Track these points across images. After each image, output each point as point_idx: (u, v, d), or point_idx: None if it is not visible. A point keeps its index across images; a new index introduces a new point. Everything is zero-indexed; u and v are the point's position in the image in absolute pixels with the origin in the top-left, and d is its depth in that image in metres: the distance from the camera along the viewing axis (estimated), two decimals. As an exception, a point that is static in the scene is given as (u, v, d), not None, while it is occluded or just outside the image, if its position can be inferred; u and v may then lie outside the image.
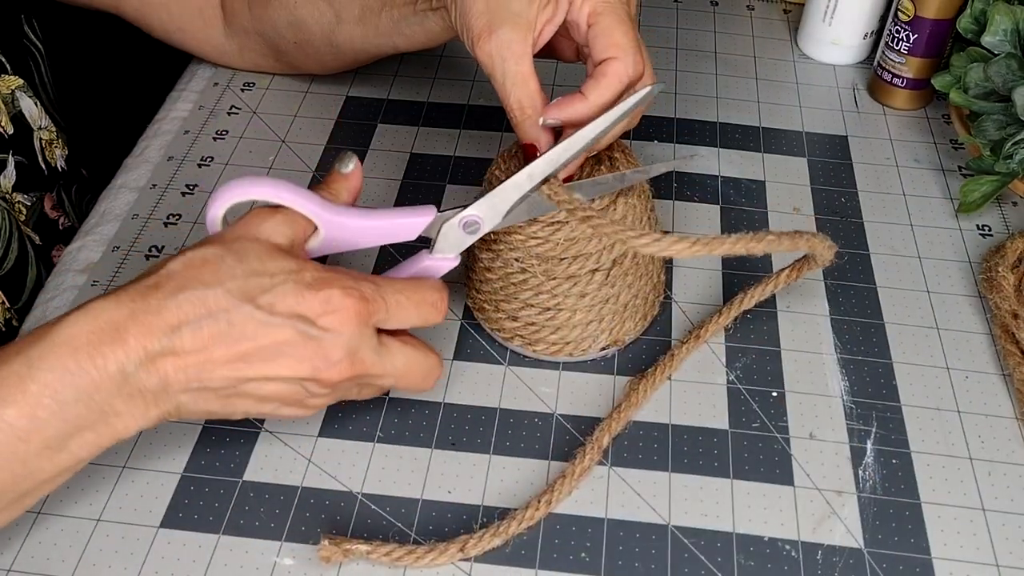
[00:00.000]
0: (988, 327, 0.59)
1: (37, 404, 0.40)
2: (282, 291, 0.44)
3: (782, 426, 0.54)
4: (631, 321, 0.57)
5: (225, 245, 0.45)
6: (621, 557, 0.48)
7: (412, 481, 0.51)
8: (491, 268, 0.54)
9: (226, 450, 0.52)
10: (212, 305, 0.43)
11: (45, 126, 0.70)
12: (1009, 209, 0.67)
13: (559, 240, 0.52)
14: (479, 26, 0.49)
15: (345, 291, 0.44)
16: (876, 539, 0.49)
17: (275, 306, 0.43)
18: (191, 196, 0.67)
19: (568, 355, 0.56)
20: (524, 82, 0.49)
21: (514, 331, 0.56)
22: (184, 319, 0.42)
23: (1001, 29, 0.65)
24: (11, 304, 0.63)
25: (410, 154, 0.71)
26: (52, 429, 0.41)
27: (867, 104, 0.76)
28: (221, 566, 0.48)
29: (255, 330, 0.43)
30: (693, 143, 0.72)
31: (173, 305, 0.42)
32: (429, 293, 0.48)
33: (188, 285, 0.43)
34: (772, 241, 0.50)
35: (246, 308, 0.43)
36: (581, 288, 0.53)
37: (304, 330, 0.44)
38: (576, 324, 0.54)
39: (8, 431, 0.40)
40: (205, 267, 0.44)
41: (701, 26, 0.84)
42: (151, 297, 0.43)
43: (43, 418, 0.41)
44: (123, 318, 0.42)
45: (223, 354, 0.43)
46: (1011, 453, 0.53)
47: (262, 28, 0.71)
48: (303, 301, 0.44)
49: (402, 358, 0.48)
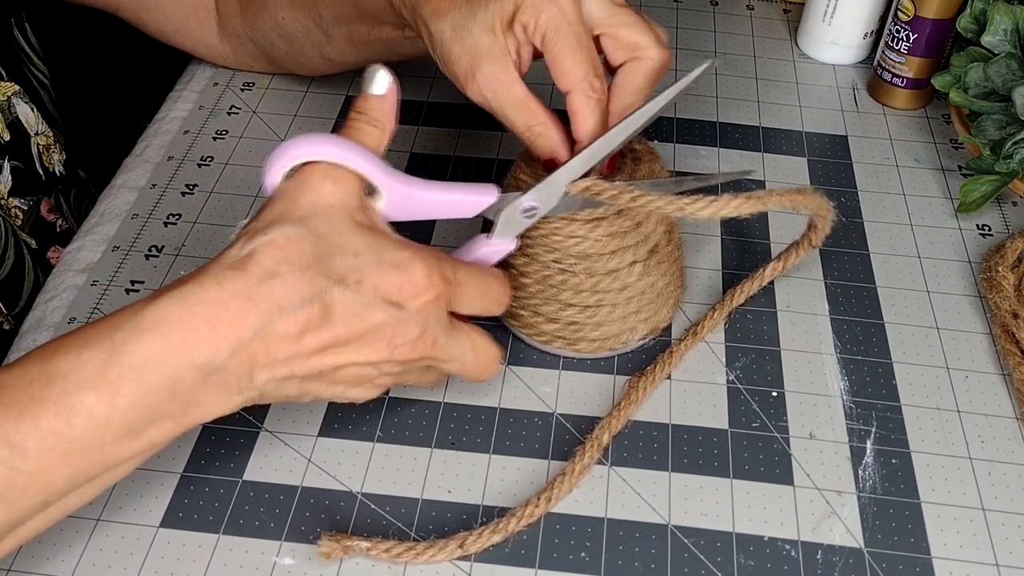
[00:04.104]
0: (988, 327, 0.59)
1: (117, 391, 0.39)
2: (367, 270, 0.42)
3: (782, 426, 0.54)
4: (665, 308, 0.57)
5: (302, 221, 0.42)
6: (621, 557, 0.48)
7: (412, 481, 0.51)
8: (526, 273, 0.54)
9: (226, 450, 0.52)
10: (305, 288, 0.41)
11: (42, 131, 0.70)
12: (1009, 209, 0.67)
13: (599, 236, 0.52)
14: (462, 71, 0.50)
15: (428, 271, 0.43)
16: (876, 539, 0.49)
17: (363, 286, 0.42)
18: (191, 196, 0.67)
19: (609, 350, 0.56)
20: (522, 106, 0.50)
21: (555, 333, 0.55)
22: (278, 304, 0.40)
23: (1001, 29, 0.65)
24: (8, 310, 0.63)
25: (410, 153, 0.71)
26: (132, 416, 0.39)
27: (867, 104, 0.76)
28: (221, 566, 0.48)
29: (346, 312, 0.42)
30: (693, 143, 0.72)
31: (265, 289, 0.40)
32: (496, 285, 0.48)
33: (278, 268, 0.41)
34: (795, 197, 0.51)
35: (336, 290, 0.41)
36: (622, 281, 0.53)
37: (391, 311, 0.43)
38: (617, 318, 0.55)
39: (87, 415, 0.38)
40: (291, 247, 0.41)
41: (701, 26, 0.84)
42: (240, 281, 0.40)
43: (123, 405, 0.39)
44: (212, 304, 0.40)
45: (315, 339, 0.41)
46: (1011, 453, 0.53)
47: (254, 35, 0.71)
48: (388, 280, 0.42)
49: (469, 344, 0.47)
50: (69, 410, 0.38)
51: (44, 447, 0.38)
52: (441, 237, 0.64)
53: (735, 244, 0.64)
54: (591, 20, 0.51)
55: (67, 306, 0.60)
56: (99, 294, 0.60)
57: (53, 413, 0.38)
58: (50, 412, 0.38)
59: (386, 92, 0.47)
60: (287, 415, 0.54)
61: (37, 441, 0.38)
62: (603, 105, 0.50)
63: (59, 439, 0.38)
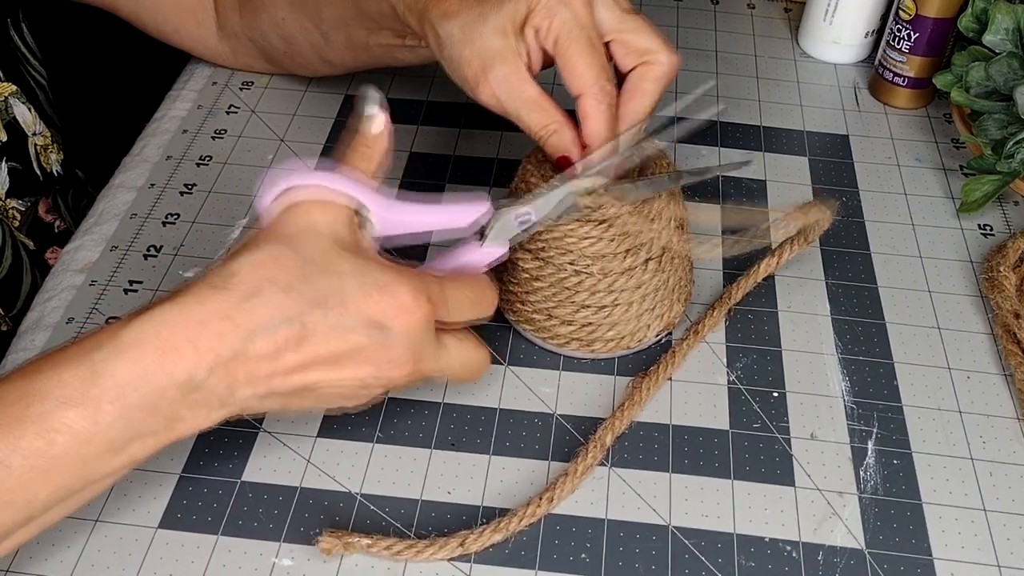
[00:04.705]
0: (990, 327, 0.59)
1: (99, 409, 0.39)
2: (351, 293, 0.42)
3: (783, 426, 0.54)
4: (678, 304, 0.57)
5: (288, 242, 0.43)
6: (621, 558, 0.48)
7: (411, 481, 0.51)
8: (540, 277, 0.54)
9: (225, 450, 0.52)
10: (285, 309, 0.41)
11: (40, 132, 0.70)
12: (1011, 208, 0.67)
13: (613, 236, 0.52)
14: (473, 74, 0.50)
15: (414, 293, 0.43)
16: (877, 540, 0.49)
17: (346, 308, 0.42)
18: (189, 195, 0.67)
19: (625, 348, 0.56)
20: (535, 105, 0.50)
21: (570, 335, 0.55)
22: (257, 324, 0.40)
23: (1002, 28, 0.64)
24: (6, 311, 0.63)
25: (410, 153, 0.71)
26: (114, 433, 0.40)
27: (868, 103, 0.76)
28: (220, 567, 0.48)
29: (327, 334, 0.42)
30: (694, 142, 0.72)
31: (246, 309, 0.40)
32: (484, 292, 0.48)
33: (259, 288, 0.41)
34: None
35: (318, 312, 0.41)
36: (637, 279, 0.53)
37: (374, 334, 0.43)
38: (631, 317, 0.55)
39: (68, 433, 0.39)
40: (274, 267, 0.41)
41: (702, 25, 0.84)
42: (220, 300, 0.40)
43: (106, 422, 0.39)
44: (193, 323, 0.40)
45: (293, 359, 0.42)
46: (1012, 453, 0.53)
47: (252, 35, 0.71)
48: (372, 303, 0.42)
49: (457, 356, 0.47)
50: (51, 428, 0.39)
51: (27, 464, 0.39)
52: (441, 237, 0.64)
53: (736, 244, 0.64)
54: (601, 26, 0.51)
55: (65, 306, 0.59)
56: (97, 294, 0.60)
57: (34, 432, 0.39)
58: (31, 431, 0.39)
59: (380, 133, 0.47)
60: (286, 416, 0.54)
61: (20, 459, 0.38)
62: (613, 109, 0.51)
63: (41, 456, 0.39)
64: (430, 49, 0.54)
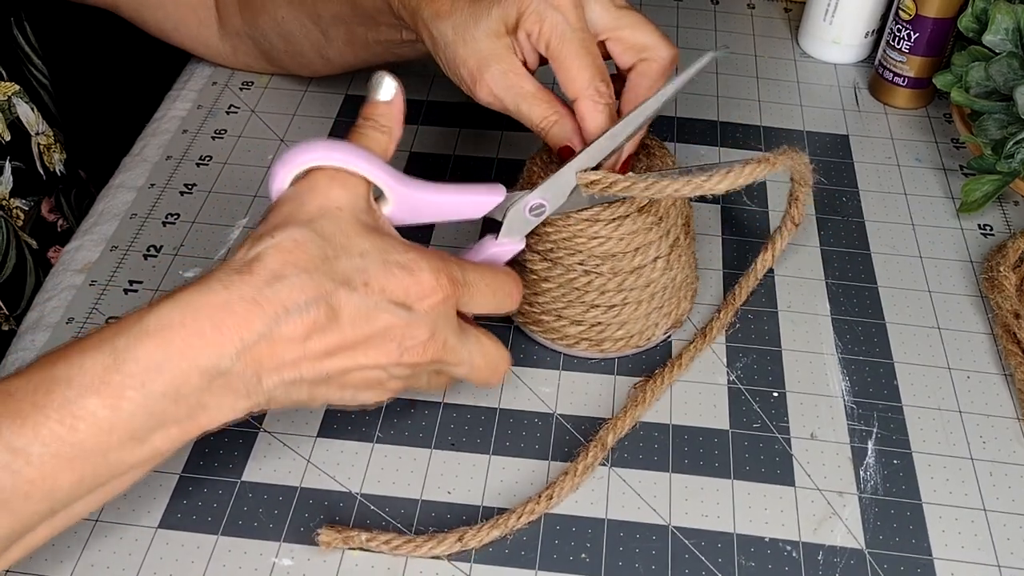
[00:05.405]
0: (990, 327, 0.59)
1: (121, 396, 0.39)
2: (374, 272, 0.42)
3: (783, 426, 0.54)
4: (685, 301, 0.57)
5: (309, 224, 0.42)
6: (621, 558, 0.48)
7: (411, 481, 0.51)
8: (549, 278, 0.54)
9: (224, 450, 0.52)
10: (310, 290, 0.40)
11: (43, 131, 0.70)
12: (1011, 208, 0.67)
13: (622, 235, 0.52)
14: (469, 73, 0.50)
15: (435, 273, 0.43)
16: (877, 540, 0.49)
17: (370, 288, 0.42)
18: (189, 195, 0.67)
19: (634, 347, 0.56)
20: (534, 98, 0.50)
21: (580, 335, 0.55)
22: (283, 306, 0.40)
23: (1002, 28, 0.64)
24: (10, 311, 0.63)
25: (409, 153, 0.71)
26: (137, 421, 0.39)
27: (868, 103, 0.76)
28: (220, 567, 0.48)
29: (353, 315, 0.41)
30: (694, 142, 0.72)
31: (271, 292, 0.40)
32: (507, 282, 0.48)
33: (284, 271, 0.40)
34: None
35: (343, 292, 0.41)
36: (646, 278, 0.53)
37: (399, 314, 0.42)
38: (641, 315, 0.55)
39: (90, 420, 0.38)
40: (297, 250, 0.41)
41: (702, 25, 0.84)
42: (245, 284, 0.40)
43: (128, 410, 0.39)
44: (218, 307, 0.39)
45: (321, 342, 0.41)
46: (1012, 453, 0.53)
47: (253, 33, 0.71)
48: (395, 281, 0.42)
49: (479, 346, 0.47)
50: (72, 415, 0.38)
51: (47, 452, 0.38)
52: (440, 237, 0.64)
53: (736, 244, 0.64)
54: (595, 25, 0.51)
55: (65, 306, 0.59)
56: (97, 294, 0.60)
57: (56, 419, 0.38)
58: (52, 418, 0.38)
59: (392, 98, 0.47)
60: (286, 416, 0.54)
61: (40, 447, 0.38)
62: (611, 109, 0.50)
63: (62, 444, 0.38)
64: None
